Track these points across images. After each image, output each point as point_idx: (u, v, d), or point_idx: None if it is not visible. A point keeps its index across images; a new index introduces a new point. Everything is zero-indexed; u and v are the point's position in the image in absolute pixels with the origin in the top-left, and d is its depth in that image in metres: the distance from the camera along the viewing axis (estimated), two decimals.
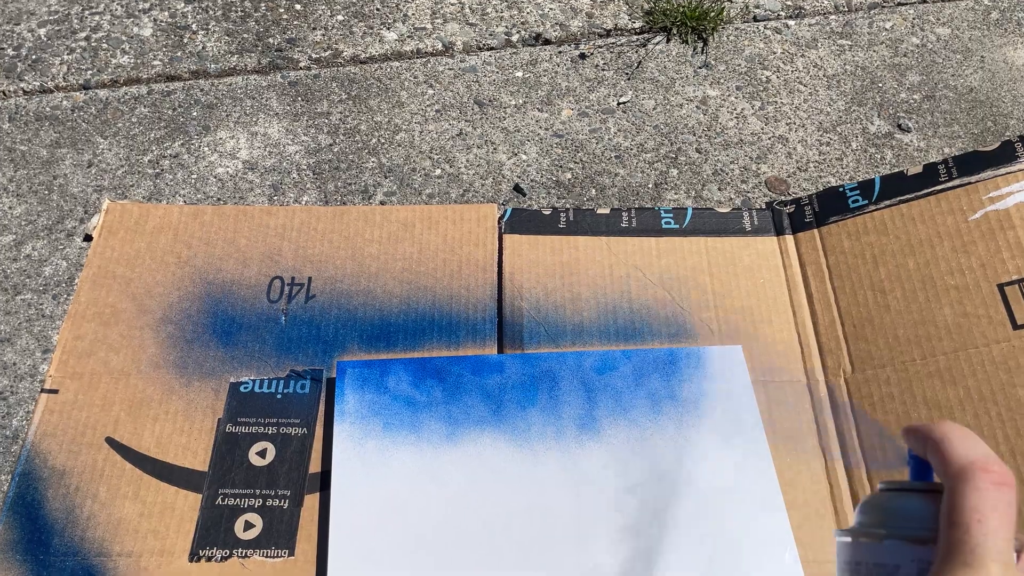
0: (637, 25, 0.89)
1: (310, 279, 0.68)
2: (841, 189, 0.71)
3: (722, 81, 0.85)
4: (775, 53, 0.88)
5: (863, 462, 0.60)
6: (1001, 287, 0.60)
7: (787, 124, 0.82)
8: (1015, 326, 0.58)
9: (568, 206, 0.75)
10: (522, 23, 0.88)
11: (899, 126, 0.82)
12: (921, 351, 0.60)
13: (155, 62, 0.85)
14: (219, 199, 0.75)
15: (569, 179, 0.78)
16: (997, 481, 0.27)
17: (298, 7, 0.90)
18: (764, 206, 0.74)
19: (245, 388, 0.63)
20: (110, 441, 0.60)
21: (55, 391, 0.62)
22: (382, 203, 0.75)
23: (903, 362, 0.61)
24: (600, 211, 0.72)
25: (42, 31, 0.87)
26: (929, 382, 0.59)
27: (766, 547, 0.56)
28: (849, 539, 0.30)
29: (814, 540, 0.57)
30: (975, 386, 0.57)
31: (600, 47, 0.87)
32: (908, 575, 0.28)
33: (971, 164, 0.66)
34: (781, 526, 0.57)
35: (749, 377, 0.64)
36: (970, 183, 0.65)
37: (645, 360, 0.64)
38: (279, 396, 0.62)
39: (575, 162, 0.79)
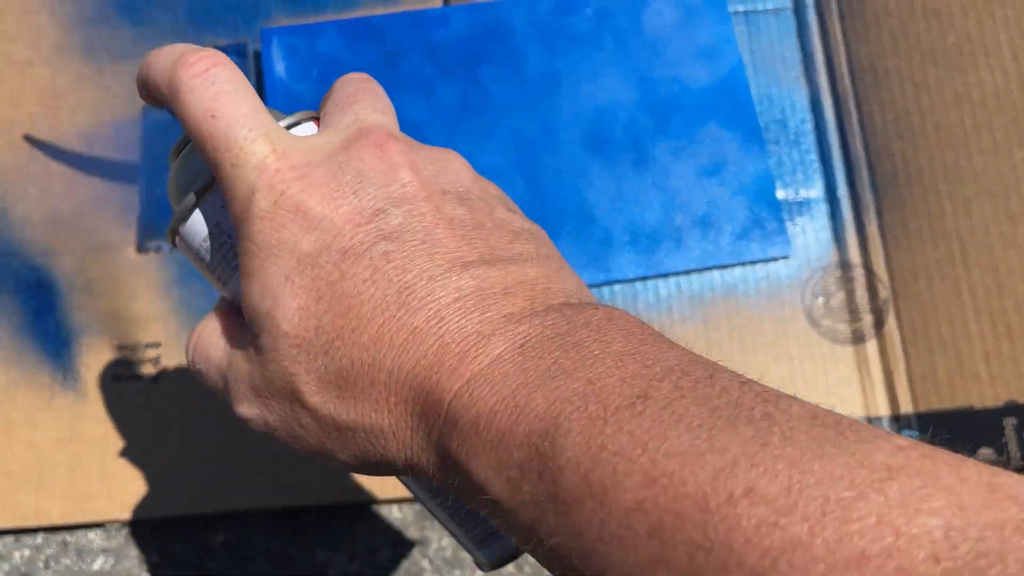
0: None
1: None
2: None
3: None
4: None
5: (851, 88, 0.54)
6: None
7: None
8: None
9: None
10: None
11: None
12: None
13: None
14: None
15: None
16: (204, 67, 0.24)
17: None
18: None
19: None
20: (29, 139, 0.55)
21: None
22: None
23: None
24: None
25: None
26: None
27: (742, 181, 0.53)
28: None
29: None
30: None
31: None
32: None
33: None
34: (761, 162, 0.53)
35: (728, 8, 0.56)
36: None
37: None
38: None
39: None
